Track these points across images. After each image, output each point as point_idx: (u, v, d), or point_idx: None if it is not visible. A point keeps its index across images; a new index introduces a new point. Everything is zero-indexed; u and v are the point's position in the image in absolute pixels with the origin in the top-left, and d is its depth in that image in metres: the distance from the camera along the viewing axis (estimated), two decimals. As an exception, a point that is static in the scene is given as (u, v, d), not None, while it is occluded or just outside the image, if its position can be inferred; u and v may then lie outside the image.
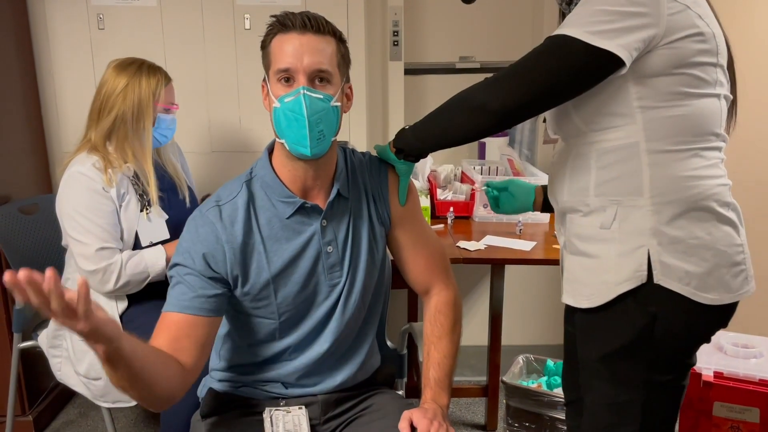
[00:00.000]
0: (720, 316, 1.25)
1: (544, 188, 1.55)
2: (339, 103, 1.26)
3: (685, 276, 1.19)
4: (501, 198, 1.65)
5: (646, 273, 1.20)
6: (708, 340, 1.30)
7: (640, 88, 1.17)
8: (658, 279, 1.20)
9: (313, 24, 1.22)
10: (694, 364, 1.32)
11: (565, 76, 1.15)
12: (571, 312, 1.42)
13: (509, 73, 1.18)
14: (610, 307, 1.24)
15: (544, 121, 1.46)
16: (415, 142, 1.34)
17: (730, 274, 1.21)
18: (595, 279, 1.26)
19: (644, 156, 1.19)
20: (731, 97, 1.26)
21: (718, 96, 1.21)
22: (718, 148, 1.23)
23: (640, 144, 1.19)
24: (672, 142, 1.18)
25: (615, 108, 1.19)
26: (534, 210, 1.61)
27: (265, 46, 1.26)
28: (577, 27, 1.13)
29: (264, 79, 1.29)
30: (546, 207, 1.56)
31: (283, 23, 1.23)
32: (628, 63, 1.12)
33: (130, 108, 1.87)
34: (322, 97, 1.23)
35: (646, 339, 1.23)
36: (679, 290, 1.19)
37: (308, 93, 1.21)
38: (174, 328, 1.22)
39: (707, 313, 1.22)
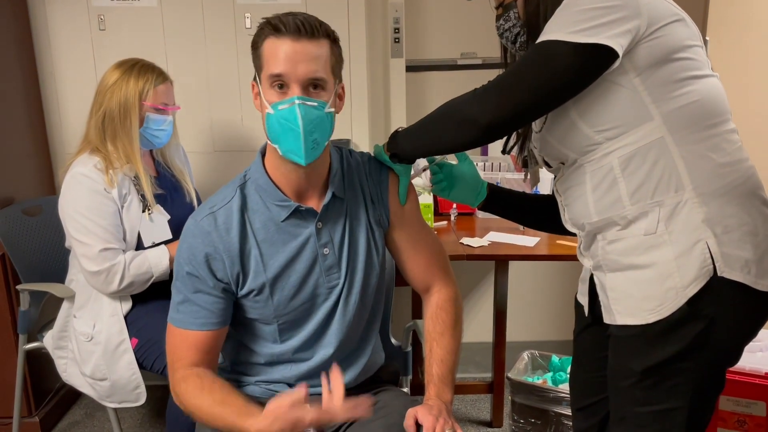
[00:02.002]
0: None
1: (491, 186, 1.50)
2: (333, 109, 1.26)
3: (745, 265, 1.14)
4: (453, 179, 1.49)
5: (712, 267, 1.13)
6: (755, 335, 1.24)
7: (648, 83, 1.13)
8: (722, 272, 1.13)
9: (307, 29, 1.19)
10: (737, 362, 1.26)
11: (556, 82, 1.12)
12: (590, 323, 1.38)
13: (497, 85, 1.15)
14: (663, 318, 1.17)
15: (525, 166, 1.42)
16: (406, 148, 1.33)
17: None
18: (657, 289, 1.17)
19: (674, 149, 1.14)
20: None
21: (715, 76, 1.19)
22: (736, 130, 1.20)
23: (665, 139, 1.14)
24: (697, 129, 1.15)
25: (627, 110, 1.15)
26: (477, 207, 1.50)
27: (256, 46, 1.24)
28: (559, 31, 1.10)
29: (255, 78, 1.28)
30: (486, 207, 1.50)
31: (276, 27, 1.20)
32: (620, 52, 1.09)
33: (116, 105, 1.88)
34: (316, 104, 1.21)
35: (700, 346, 1.17)
36: (743, 279, 1.13)
37: (303, 103, 1.20)
38: (199, 346, 1.30)
39: (762, 303, 1.18)
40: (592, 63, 1.11)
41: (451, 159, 1.49)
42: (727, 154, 1.16)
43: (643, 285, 1.19)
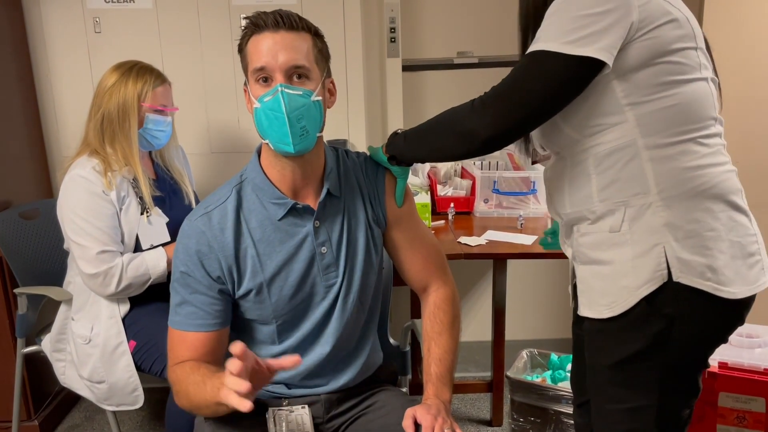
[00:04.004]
0: (738, 311, 1.21)
1: None
2: (320, 98, 1.26)
3: (706, 270, 1.15)
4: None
5: (666, 272, 1.16)
6: (725, 340, 1.25)
7: (625, 85, 1.15)
8: (677, 277, 1.15)
9: (285, 21, 1.21)
10: (708, 366, 1.27)
11: (551, 92, 1.14)
12: (579, 318, 1.40)
13: (496, 97, 1.17)
14: (623, 314, 1.20)
15: (527, 150, 1.46)
16: (406, 152, 1.34)
17: (745, 266, 1.17)
18: (613, 286, 1.21)
19: (644, 153, 1.16)
20: (717, 79, 1.24)
21: (705, 79, 1.19)
22: (719, 134, 1.20)
23: (637, 141, 1.16)
24: (669, 134, 1.16)
25: (604, 110, 1.17)
26: None
27: (241, 48, 1.26)
28: (552, 40, 1.12)
29: (245, 83, 1.28)
30: None
31: (256, 23, 1.22)
32: (610, 63, 1.11)
33: (115, 107, 1.88)
34: (301, 93, 1.22)
35: (661, 344, 1.19)
36: (701, 286, 1.15)
37: (286, 90, 1.20)
38: (197, 346, 1.28)
39: (727, 309, 1.18)
40: (584, 73, 1.13)
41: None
42: (699, 157, 1.17)
43: (602, 280, 1.23)
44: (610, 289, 1.21)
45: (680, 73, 1.15)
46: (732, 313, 1.21)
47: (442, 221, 2.33)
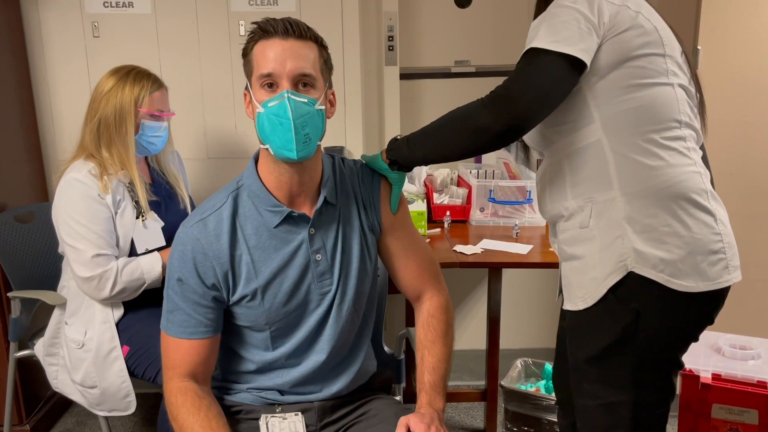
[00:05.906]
0: (701, 307, 1.27)
1: None
2: (323, 107, 1.27)
3: (659, 263, 1.22)
4: None
5: (627, 263, 1.24)
6: (695, 338, 1.32)
7: (594, 88, 1.23)
8: (633, 267, 1.23)
9: (295, 30, 1.23)
10: (682, 365, 1.33)
11: (548, 86, 1.20)
12: (563, 314, 1.45)
13: (505, 92, 1.21)
14: (595, 307, 1.27)
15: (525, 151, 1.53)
16: (409, 155, 1.35)
17: (706, 262, 1.23)
18: (584, 279, 1.29)
19: (608, 152, 1.24)
20: (692, 89, 1.30)
21: (671, 85, 1.25)
22: (683, 137, 1.26)
23: (602, 141, 1.25)
24: (631, 134, 1.23)
25: (573, 111, 1.26)
26: None
27: (246, 53, 1.27)
28: (540, 39, 1.19)
29: (246, 87, 1.29)
30: None
31: (264, 29, 1.23)
32: (588, 63, 1.19)
33: (111, 112, 1.88)
34: (306, 100, 1.23)
35: (630, 338, 1.26)
36: (654, 277, 1.22)
37: (293, 97, 1.21)
38: (192, 353, 1.29)
39: (686, 303, 1.24)
40: (570, 70, 1.20)
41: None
42: (660, 158, 1.23)
43: (577, 274, 1.31)
44: (582, 282, 1.30)
45: (644, 77, 1.23)
46: (695, 310, 1.27)
47: (438, 229, 2.33)
